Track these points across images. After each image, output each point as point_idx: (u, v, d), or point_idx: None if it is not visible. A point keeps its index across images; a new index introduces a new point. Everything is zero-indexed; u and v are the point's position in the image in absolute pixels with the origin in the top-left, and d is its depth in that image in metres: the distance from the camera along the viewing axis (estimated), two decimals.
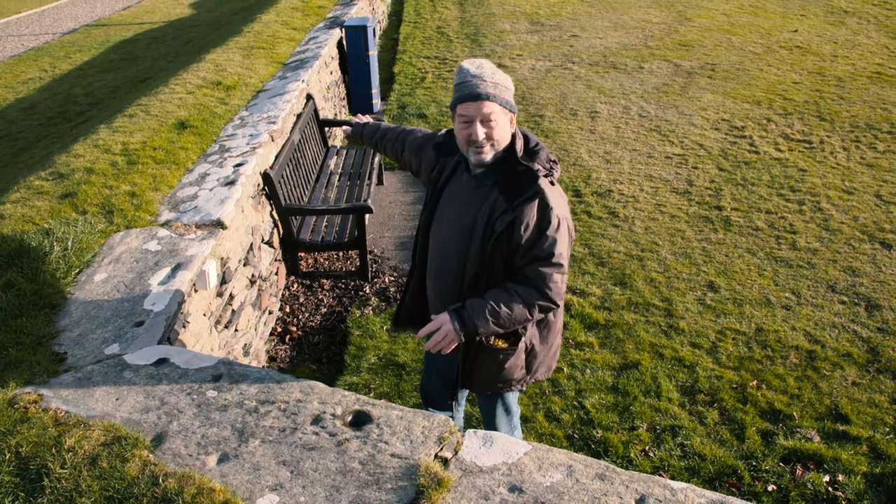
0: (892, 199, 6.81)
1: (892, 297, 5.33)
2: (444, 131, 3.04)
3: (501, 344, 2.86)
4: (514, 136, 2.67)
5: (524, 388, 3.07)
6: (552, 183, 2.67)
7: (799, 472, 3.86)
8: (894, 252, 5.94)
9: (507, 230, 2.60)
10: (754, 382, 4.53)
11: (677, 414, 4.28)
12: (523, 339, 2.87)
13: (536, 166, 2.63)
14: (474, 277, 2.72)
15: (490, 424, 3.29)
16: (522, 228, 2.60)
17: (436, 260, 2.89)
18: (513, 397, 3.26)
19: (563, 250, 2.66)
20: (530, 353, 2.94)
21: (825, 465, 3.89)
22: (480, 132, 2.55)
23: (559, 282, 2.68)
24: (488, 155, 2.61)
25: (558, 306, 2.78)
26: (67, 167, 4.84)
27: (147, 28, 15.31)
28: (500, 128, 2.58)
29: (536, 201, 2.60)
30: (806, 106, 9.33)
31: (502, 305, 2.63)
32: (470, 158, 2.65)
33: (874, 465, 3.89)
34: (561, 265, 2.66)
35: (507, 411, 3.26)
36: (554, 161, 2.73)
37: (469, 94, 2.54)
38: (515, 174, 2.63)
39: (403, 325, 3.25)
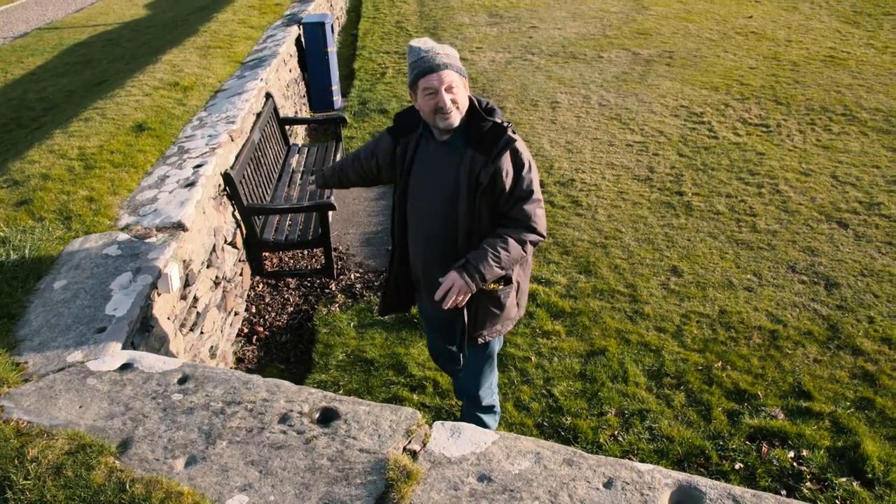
0: (848, 180, 6.95)
1: (850, 275, 5.45)
2: (393, 121, 3.24)
3: (497, 286, 3.13)
4: (470, 104, 2.92)
5: (517, 326, 3.41)
6: (514, 132, 2.94)
7: (765, 449, 3.94)
8: (851, 231, 6.06)
9: (490, 181, 2.87)
10: (719, 364, 4.60)
11: (645, 398, 4.34)
12: (514, 277, 3.16)
13: (500, 120, 2.92)
14: (467, 234, 2.97)
15: (476, 375, 3.53)
16: (504, 175, 2.88)
17: (421, 232, 3.12)
18: (497, 344, 3.52)
19: (537, 186, 2.98)
20: (518, 289, 3.25)
21: (790, 442, 3.97)
22: (446, 98, 2.79)
23: (541, 215, 3.00)
24: (455, 119, 2.85)
25: (544, 237, 3.08)
26: (22, 174, 4.76)
27: (101, 30, 15.05)
28: (461, 92, 2.84)
29: (509, 150, 2.88)
30: (762, 91, 9.48)
31: (500, 249, 2.90)
32: (438, 126, 2.88)
33: (836, 439, 3.98)
34: (539, 200, 2.98)
35: (492, 357, 3.53)
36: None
37: (429, 67, 2.78)
38: (482, 130, 2.89)
39: (390, 310, 3.54)
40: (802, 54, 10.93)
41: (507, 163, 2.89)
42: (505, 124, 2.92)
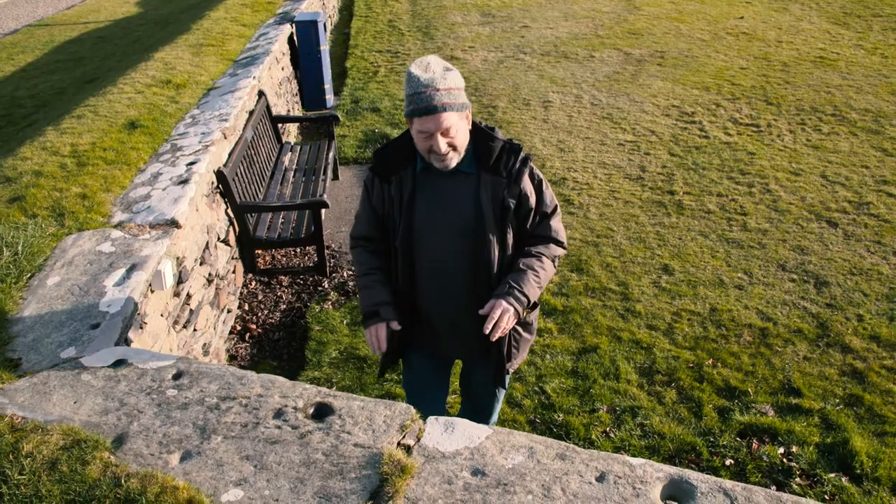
0: (838, 179, 7.01)
1: (840, 274, 5.49)
2: (372, 160, 2.85)
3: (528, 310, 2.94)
4: (473, 125, 2.71)
5: None
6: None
7: (755, 445, 3.97)
8: (840, 230, 6.11)
9: (517, 203, 2.71)
10: (710, 361, 4.64)
11: (636, 395, 4.37)
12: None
13: (509, 138, 2.74)
14: (500, 263, 2.75)
15: (493, 406, 3.32)
16: (528, 194, 2.72)
17: (442, 276, 2.79)
18: None
19: (553, 197, 2.84)
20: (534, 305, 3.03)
21: (780, 438, 4.01)
22: (443, 145, 2.53)
23: (562, 227, 2.88)
24: (453, 161, 2.61)
25: (567, 247, 2.95)
26: (14, 171, 4.75)
27: (93, 27, 14.99)
28: (460, 134, 2.58)
29: (527, 168, 2.72)
30: (753, 91, 9.53)
31: (538, 269, 2.72)
32: (434, 164, 2.63)
33: (826, 435, 4.02)
34: (559, 212, 2.87)
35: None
36: None
37: (425, 108, 2.47)
38: (494, 151, 2.68)
39: (393, 363, 3.19)
40: (793, 55, 10.99)
41: (526, 181, 2.72)
42: (514, 141, 2.75)
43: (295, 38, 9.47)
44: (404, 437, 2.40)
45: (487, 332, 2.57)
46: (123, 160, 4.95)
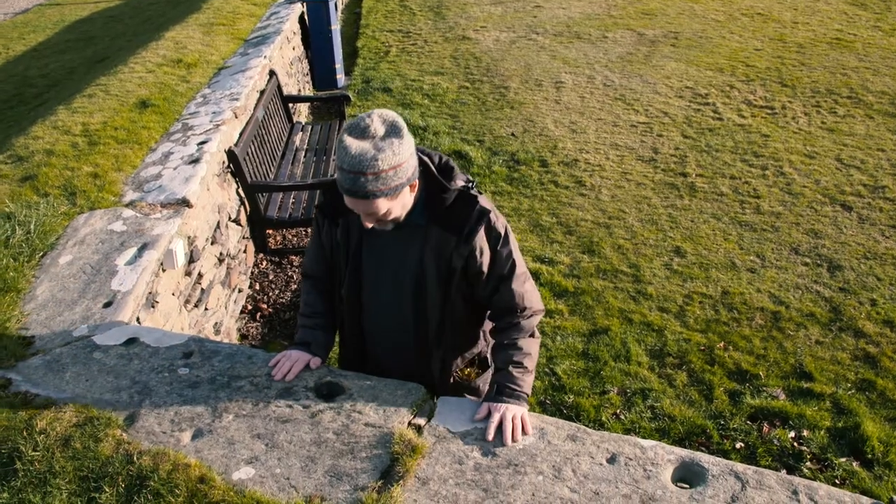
0: (853, 163, 6.94)
1: (853, 258, 5.45)
2: (322, 196, 2.62)
3: (473, 371, 2.72)
4: (424, 169, 2.31)
5: None
6: (480, 192, 2.41)
7: (766, 429, 3.96)
8: (854, 214, 6.06)
9: (465, 265, 2.36)
10: (721, 344, 4.62)
11: (647, 377, 4.36)
12: (486, 355, 2.70)
13: (463, 182, 2.36)
14: (438, 325, 2.48)
15: None
16: (479, 255, 2.34)
17: (382, 325, 2.59)
18: None
19: (519, 257, 2.44)
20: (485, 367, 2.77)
21: (791, 422, 4.00)
22: (369, 222, 2.24)
23: (531, 289, 2.48)
24: (389, 226, 2.30)
25: (543, 310, 2.57)
26: (26, 150, 4.75)
27: (103, 7, 14.96)
28: (396, 209, 2.22)
29: (484, 224, 2.33)
30: (768, 72, 9.43)
31: (522, 349, 2.42)
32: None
33: (837, 419, 4.01)
34: (524, 273, 2.46)
35: None
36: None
37: (349, 190, 2.12)
38: (446, 203, 2.31)
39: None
40: (809, 36, 10.86)
41: (481, 239, 2.33)
42: (471, 189, 2.35)
43: (306, 17, 9.43)
44: (415, 416, 2.40)
45: (508, 443, 2.27)
46: (135, 139, 4.95)
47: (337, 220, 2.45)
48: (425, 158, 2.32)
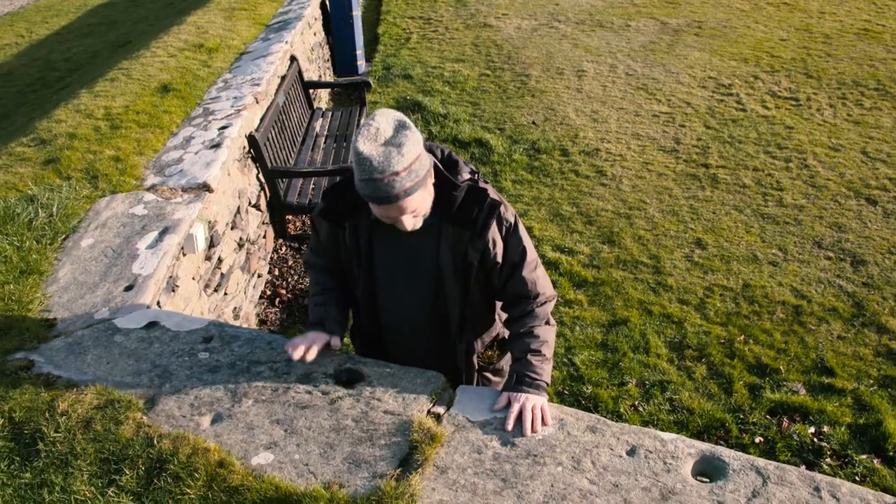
0: (878, 156, 6.84)
1: (878, 253, 5.38)
2: (321, 202, 2.55)
3: (494, 354, 2.74)
4: (434, 171, 2.30)
5: None
6: (486, 182, 2.44)
7: (785, 424, 3.93)
8: (879, 208, 5.97)
9: (481, 258, 2.39)
10: (742, 337, 4.58)
11: (666, 369, 4.33)
12: (504, 336, 2.72)
13: (470, 176, 2.38)
14: (459, 321, 2.52)
15: None
16: (492, 247, 2.38)
17: (403, 324, 2.62)
18: None
19: (529, 244, 2.47)
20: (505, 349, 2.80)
21: (811, 417, 3.96)
22: (409, 223, 2.23)
23: (542, 276, 2.50)
24: (419, 224, 2.28)
25: (556, 296, 2.60)
26: (49, 133, 4.78)
27: None
28: (424, 204, 2.24)
29: (495, 217, 2.37)
30: (793, 63, 9.30)
31: (538, 337, 2.43)
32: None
33: (858, 416, 3.96)
34: (535, 260, 2.49)
35: None
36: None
37: (384, 197, 2.12)
38: (458, 199, 2.33)
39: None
40: (836, 27, 10.70)
41: (493, 232, 2.37)
42: (480, 182, 2.38)
43: (327, 2, 9.40)
44: (434, 405, 2.40)
45: (528, 434, 2.27)
46: (156, 123, 4.96)
47: (343, 224, 2.46)
48: (434, 153, 2.35)
